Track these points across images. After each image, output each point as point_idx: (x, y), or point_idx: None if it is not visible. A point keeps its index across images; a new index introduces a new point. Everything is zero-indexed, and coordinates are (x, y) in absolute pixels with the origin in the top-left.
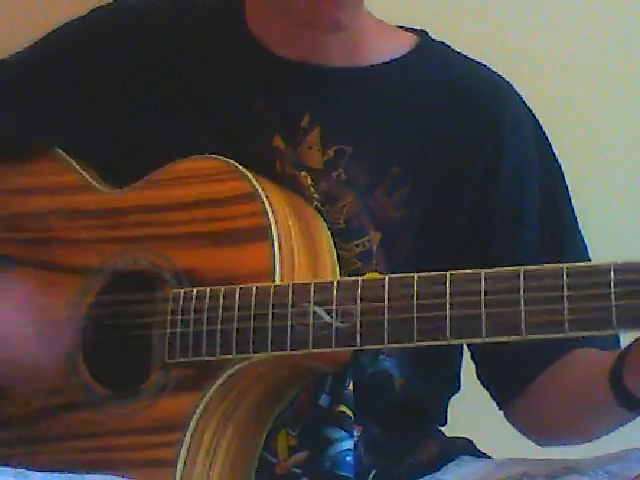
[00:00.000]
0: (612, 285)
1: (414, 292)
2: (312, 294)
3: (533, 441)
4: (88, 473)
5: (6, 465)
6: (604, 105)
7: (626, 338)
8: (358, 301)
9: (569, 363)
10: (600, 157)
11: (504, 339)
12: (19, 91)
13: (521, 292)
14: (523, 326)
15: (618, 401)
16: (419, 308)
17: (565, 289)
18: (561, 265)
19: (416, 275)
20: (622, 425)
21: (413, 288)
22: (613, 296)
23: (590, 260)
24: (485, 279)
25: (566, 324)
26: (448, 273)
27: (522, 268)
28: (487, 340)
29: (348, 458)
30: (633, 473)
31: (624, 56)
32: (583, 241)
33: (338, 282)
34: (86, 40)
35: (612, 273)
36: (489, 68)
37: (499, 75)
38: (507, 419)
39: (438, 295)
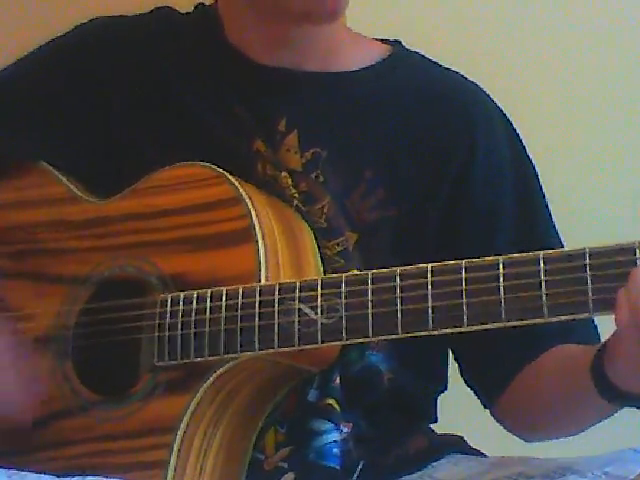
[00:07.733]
0: (587, 269)
1: (397, 285)
2: (297, 292)
3: (520, 438)
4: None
5: None
6: (575, 105)
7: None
8: (342, 297)
9: (550, 360)
10: (572, 154)
11: (486, 327)
12: (3, 107)
13: (500, 280)
14: (503, 313)
15: (599, 391)
16: (402, 300)
17: (542, 275)
18: (538, 252)
19: (398, 269)
20: (604, 419)
21: (396, 281)
22: (589, 279)
23: None
24: (465, 269)
25: (545, 309)
26: (429, 265)
27: (500, 257)
28: (469, 329)
29: (335, 450)
30: (631, 474)
31: (599, 57)
32: (558, 236)
33: (322, 279)
34: (68, 56)
35: (587, 257)
36: (461, 74)
37: (470, 80)
38: (493, 417)
39: (420, 287)
